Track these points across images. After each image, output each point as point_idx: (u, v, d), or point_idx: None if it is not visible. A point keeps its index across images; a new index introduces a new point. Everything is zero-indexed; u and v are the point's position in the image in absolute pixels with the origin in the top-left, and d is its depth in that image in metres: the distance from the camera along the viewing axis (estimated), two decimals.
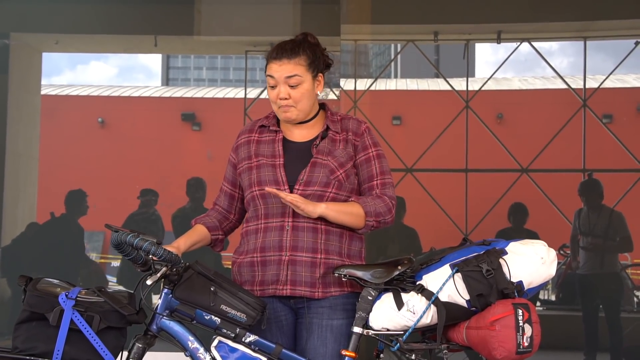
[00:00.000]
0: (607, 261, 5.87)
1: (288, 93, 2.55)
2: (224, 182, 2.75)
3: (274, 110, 2.62)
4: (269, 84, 2.59)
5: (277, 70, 2.56)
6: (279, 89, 2.56)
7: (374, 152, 2.63)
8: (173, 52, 29.66)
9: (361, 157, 2.62)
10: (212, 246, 2.73)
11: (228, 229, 2.76)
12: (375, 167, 2.61)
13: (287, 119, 2.59)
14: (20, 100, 6.33)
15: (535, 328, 2.32)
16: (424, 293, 2.40)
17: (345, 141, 2.61)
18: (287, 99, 2.55)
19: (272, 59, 2.57)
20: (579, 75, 7.38)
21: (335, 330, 2.52)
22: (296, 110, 2.58)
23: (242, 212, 2.75)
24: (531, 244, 2.47)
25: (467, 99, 7.24)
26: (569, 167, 7.40)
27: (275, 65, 2.56)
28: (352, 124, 2.65)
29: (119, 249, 2.30)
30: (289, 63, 2.56)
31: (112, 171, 8.04)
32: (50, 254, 6.06)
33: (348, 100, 6.77)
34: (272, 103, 2.60)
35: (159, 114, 9.48)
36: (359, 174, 2.62)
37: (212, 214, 2.74)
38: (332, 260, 2.53)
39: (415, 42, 7.21)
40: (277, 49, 2.58)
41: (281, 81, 2.55)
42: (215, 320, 2.39)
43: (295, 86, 2.56)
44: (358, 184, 2.63)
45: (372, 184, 2.61)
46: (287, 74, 2.55)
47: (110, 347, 2.34)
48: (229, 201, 2.73)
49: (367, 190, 2.61)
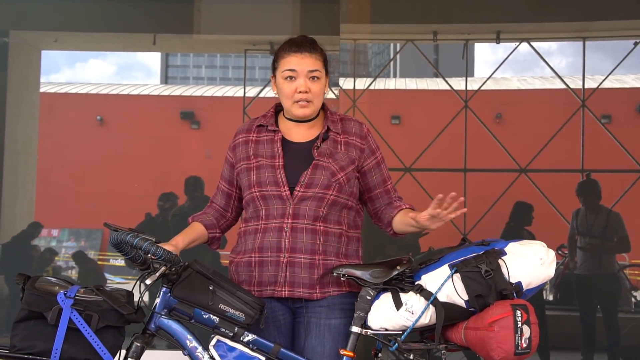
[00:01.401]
0: (604, 261, 5.87)
1: (308, 87, 2.54)
2: (220, 180, 2.74)
3: (287, 106, 2.57)
4: (285, 77, 2.54)
5: (299, 63, 2.53)
6: (299, 81, 2.53)
7: (379, 156, 2.65)
8: (172, 51, 29.61)
9: (372, 161, 2.63)
10: (209, 244, 2.73)
11: (225, 227, 2.76)
12: (384, 171, 2.66)
13: (304, 115, 2.57)
14: (19, 98, 6.32)
15: (534, 329, 2.32)
16: (423, 293, 2.40)
17: (347, 144, 2.60)
18: (307, 93, 2.53)
19: (293, 52, 2.54)
20: (577, 76, 7.37)
21: (333, 330, 2.52)
22: (313, 106, 2.56)
23: (239, 210, 2.75)
24: (530, 245, 2.47)
25: (466, 99, 7.24)
26: (567, 167, 7.40)
27: (296, 58, 2.53)
28: (354, 127, 2.64)
29: (118, 248, 2.30)
30: (310, 57, 2.54)
31: (111, 169, 8.04)
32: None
33: (347, 100, 6.76)
34: (287, 98, 2.56)
35: (158, 112, 9.47)
36: (369, 177, 2.62)
37: (209, 211, 2.74)
38: (330, 261, 2.53)
39: (414, 42, 7.21)
40: (296, 43, 2.56)
41: (302, 74, 2.53)
42: (214, 319, 2.39)
43: (316, 81, 2.55)
44: (365, 188, 2.64)
45: (387, 187, 2.66)
46: (310, 68, 2.53)
47: (109, 346, 2.34)
48: (226, 200, 2.73)
49: (382, 194, 2.65)
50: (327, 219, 2.53)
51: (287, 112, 2.61)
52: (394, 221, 2.61)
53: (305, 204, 2.51)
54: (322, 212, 2.52)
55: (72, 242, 9.99)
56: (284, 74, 2.55)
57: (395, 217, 2.61)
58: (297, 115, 2.57)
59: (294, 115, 2.58)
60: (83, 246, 9.91)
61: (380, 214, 2.67)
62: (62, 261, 7.38)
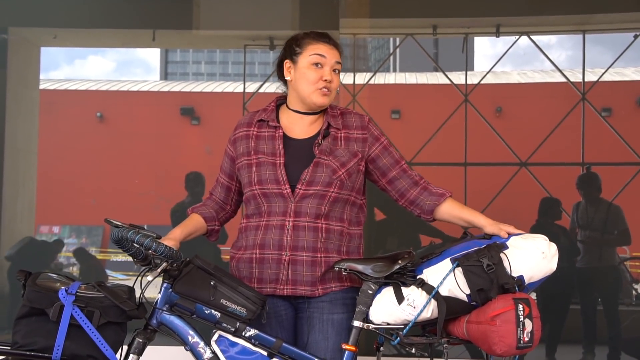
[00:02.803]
0: (605, 254, 5.87)
1: (332, 77, 2.56)
2: (220, 173, 2.74)
3: (308, 92, 2.56)
4: (313, 62, 2.55)
5: (329, 53, 2.56)
6: (326, 70, 2.55)
7: (384, 141, 2.66)
8: (171, 47, 29.68)
9: (377, 147, 2.63)
10: (208, 236, 2.73)
11: (224, 219, 2.76)
12: (395, 153, 2.66)
13: (323, 103, 2.58)
14: (18, 95, 6.31)
15: (536, 323, 2.31)
16: (425, 287, 2.40)
17: (348, 139, 2.60)
18: (331, 82, 2.55)
19: (322, 41, 2.57)
20: (577, 69, 7.36)
21: (336, 325, 2.52)
22: (330, 97, 2.59)
23: (238, 203, 2.76)
24: (532, 239, 2.46)
25: (466, 93, 7.23)
26: (567, 160, 7.39)
27: (327, 47, 2.57)
28: (355, 120, 2.64)
29: (119, 244, 2.30)
30: (336, 50, 2.59)
31: (111, 166, 8.04)
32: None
33: (347, 94, 6.75)
34: (310, 84, 2.55)
35: (158, 109, 9.46)
36: (380, 162, 2.62)
37: (209, 203, 2.74)
38: (332, 258, 2.53)
39: (414, 36, 7.19)
40: (324, 34, 2.60)
41: (329, 64, 2.56)
42: (216, 315, 2.39)
43: (337, 74, 2.59)
44: (380, 173, 2.63)
45: (402, 167, 2.65)
46: (337, 59, 2.57)
47: (111, 342, 2.34)
48: (225, 193, 2.73)
49: (401, 174, 2.63)
50: (329, 216, 2.53)
51: (299, 98, 2.60)
52: (439, 211, 2.62)
53: (306, 201, 2.50)
54: (323, 209, 2.51)
55: (73, 238, 10.00)
56: (312, 58, 2.55)
57: (441, 207, 2.61)
58: (316, 103, 2.57)
59: (312, 103, 2.57)
60: (84, 243, 9.91)
61: (413, 199, 2.64)
62: (63, 257, 7.38)
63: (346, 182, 2.54)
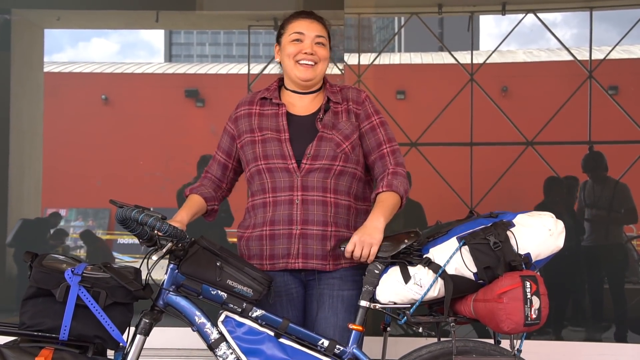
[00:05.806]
0: (612, 233, 5.87)
1: (314, 50, 2.57)
2: (217, 151, 2.75)
3: (290, 67, 2.60)
4: (292, 39, 2.58)
5: (308, 28, 2.58)
6: (306, 43, 2.57)
7: (377, 119, 2.63)
8: (175, 28, 29.50)
9: (365, 125, 2.62)
10: (207, 215, 2.74)
11: (221, 198, 2.78)
12: (381, 134, 2.62)
13: (305, 77, 2.58)
14: (23, 77, 6.31)
15: (543, 300, 2.31)
16: (431, 266, 2.40)
17: (347, 111, 2.61)
18: (312, 55, 2.57)
19: (302, 18, 2.59)
20: (584, 47, 7.30)
21: (346, 301, 2.53)
22: (317, 69, 2.59)
23: (233, 181, 2.78)
24: (539, 216, 2.45)
25: (471, 72, 7.19)
26: (574, 139, 7.35)
27: (306, 22, 2.59)
28: (352, 93, 2.65)
29: (124, 224, 2.30)
30: (318, 24, 2.60)
31: (116, 148, 8.03)
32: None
33: (352, 75, 6.73)
34: (289, 60, 2.59)
35: (163, 91, 9.43)
36: (364, 142, 2.62)
37: (206, 183, 2.75)
38: (342, 233, 2.54)
39: (419, 15, 7.15)
40: (305, 12, 2.62)
41: (309, 38, 2.57)
42: (222, 295, 2.39)
43: (321, 46, 2.59)
44: (363, 155, 2.63)
45: (382, 152, 2.61)
46: (317, 33, 2.59)
47: (117, 322, 2.34)
48: (222, 171, 2.74)
49: (378, 160, 2.61)
50: (337, 190, 2.54)
51: (288, 77, 2.63)
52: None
53: (312, 175, 2.51)
54: (330, 183, 2.52)
55: (80, 221, 10.02)
56: (291, 36, 2.58)
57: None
58: (299, 76, 2.58)
59: (295, 78, 2.59)
60: (91, 225, 9.93)
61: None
62: (70, 239, 7.40)
63: (350, 155, 2.55)
